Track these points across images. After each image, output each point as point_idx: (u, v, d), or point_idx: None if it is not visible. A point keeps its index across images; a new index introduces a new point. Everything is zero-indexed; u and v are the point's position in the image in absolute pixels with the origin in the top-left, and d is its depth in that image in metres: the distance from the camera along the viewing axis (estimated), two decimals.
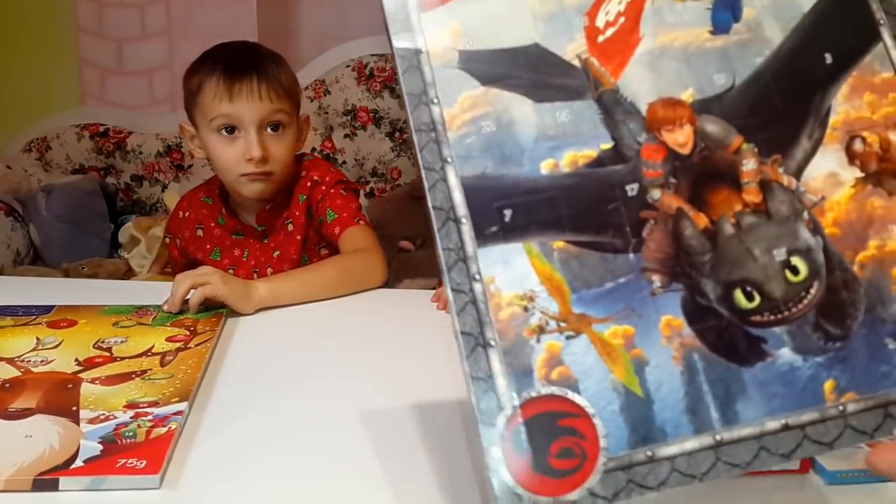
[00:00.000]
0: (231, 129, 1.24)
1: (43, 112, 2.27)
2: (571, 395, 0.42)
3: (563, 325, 0.44)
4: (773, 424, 0.42)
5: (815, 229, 0.44)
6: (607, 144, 0.46)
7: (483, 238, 0.45)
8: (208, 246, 1.37)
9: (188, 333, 0.93)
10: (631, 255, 0.44)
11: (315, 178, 1.32)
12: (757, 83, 0.47)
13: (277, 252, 1.34)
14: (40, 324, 0.95)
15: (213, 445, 0.70)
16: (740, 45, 0.48)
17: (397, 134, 2.25)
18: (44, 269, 2.06)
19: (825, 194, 0.45)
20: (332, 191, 1.31)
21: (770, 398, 0.42)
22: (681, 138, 0.46)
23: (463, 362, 0.44)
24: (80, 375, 0.81)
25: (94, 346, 0.88)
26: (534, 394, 0.42)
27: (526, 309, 0.44)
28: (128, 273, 2.07)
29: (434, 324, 1.01)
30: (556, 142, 0.46)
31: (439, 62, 0.47)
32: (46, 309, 0.99)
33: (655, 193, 0.45)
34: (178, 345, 0.89)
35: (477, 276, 0.45)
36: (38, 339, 0.90)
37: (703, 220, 0.44)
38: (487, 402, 0.42)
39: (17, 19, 2.28)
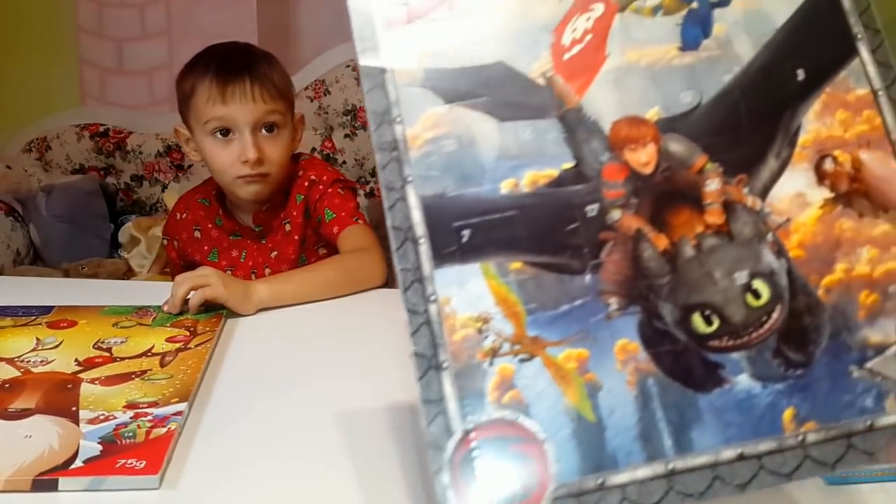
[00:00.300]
0: (225, 132, 1.24)
1: (43, 112, 2.27)
2: (522, 420, 0.41)
3: (516, 347, 0.43)
4: (728, 453, 0.41)
5: (780, 252, 0.43)
6: (569, 164, 0.45)
7: (440, 258, 0.44)
8: (206, 247, 1.37)
9: (188, 334, 0.93)
10: (588, 277, 0.43)
11: (312, 177, 1.32)
12: (724, 101, 0.46)
13: (275, 252, 1.34)
14: (40, 324, 0.94)
15: (213, 446, 0.70)
16: (709, 62, 0.47)
17: None
18: (44, 269, 2.06)
19: (791, 215, 0.44)
20: (329, 190, 1.31)
21: (726, 426, 0.41)
22: (643, 158, 0.45)
23: (416, 385, 0.43)
24: (79, 376, 0.81)
25: (93, 347, 0.88)
26: (485, 418, 0.42)
27: (480, 331, 0.43)
28: (128, 273, 2.07)
29: None
30: (518, 161, 0.45)
31: (404, 80, 0.47)
32: (46, 309, 0.99)
33: (615, 214, 0.44)
34: (177, 345, 0.89)
35: (432, 297, 0.44)
36: (37, 339, 0.90)
37: (662, 242, 0.44)
38: (438, 426, 0.42)
39: (17, 19, 2.28)
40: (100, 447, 0.66)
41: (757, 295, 0.42)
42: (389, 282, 1.21)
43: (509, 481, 0.41)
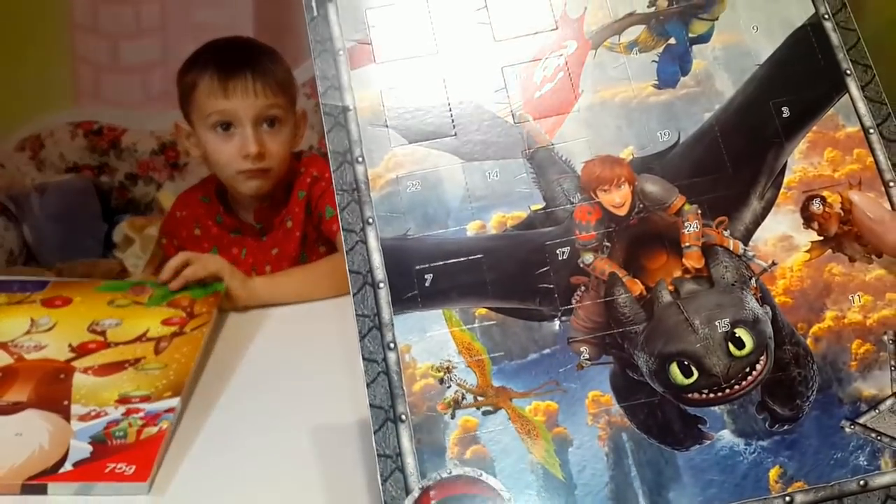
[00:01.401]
0: (227, 126, 1.24)
1: (36, 110, 2.25)
2: (485, 478, 0.39)
3: (480, 399, 0.40)
4: None
5: (764, 298, 0.41)
6: (538, 205, 0.43)
7: (400, 304, 0.42)
8: (206, 245, 1.36)
9: (184, 315, 0.92)
10: (557, 324, 0.41)
11: (315, 174, 1.32)
12: (703, 140, 0.44)
13: (276, 250, 1.33)
14: (35, 301, 0.93)
15: (205, 446, 0.70)
16: (687, 100, 0.45)
17: None
18: (37, 269, 2.05)
19: (776, 259, 0.42)
20: (332, 187, 1.29)
21: (706, 486, 0.38)
22: (617, 199, 0.43)
23: (371, 438, 0.41)
24: (72, 364, 0.80)
25: (88, 330, 0.87)
26: (444, 475, 0.39)
27: (442, 381, 0.41)
28: (122, 273, 2.06)
29: None
30: (484, 202, 0.43)
31: (367, 119, 0.45)
32: (41, 285, 0.97)
33: (588, 258, 0.43)
34: (173, 328, 0.88)
35: (391, 345, 0.42)
36: (32, 319, 0.89)
37: (638, 287, 0.41)
38: (394, 484, 0.39)
39: (11, 15, 2.26)
40: (90, 448, 0.67)
41: (740, 344, 0.39)
42: None
43: None
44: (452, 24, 0.46)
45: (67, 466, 0.64)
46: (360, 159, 0.45)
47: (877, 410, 0.39)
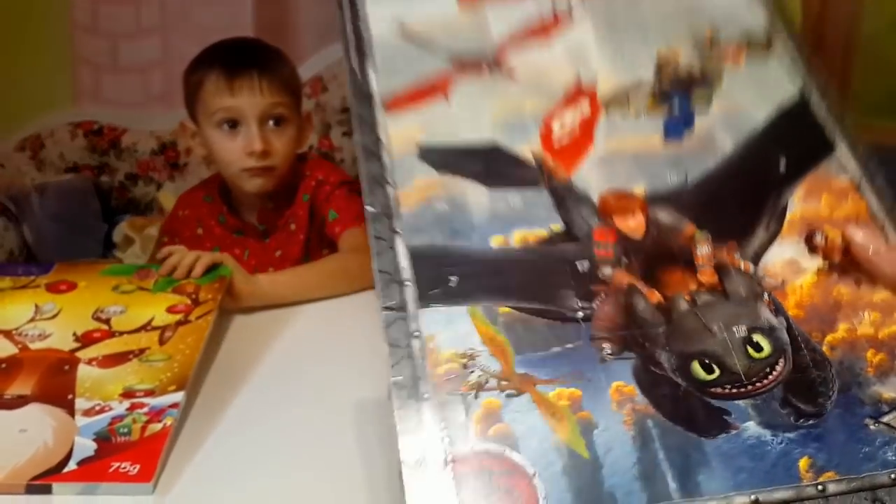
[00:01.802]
0: (233, 124, 1.25)
1: (36, 110, 2.24)
2: (510, 454, 0.39)
3: (504, 383, 0.41)
4: (741, 500, 0.38)
5: (778, 310, 0.43)
6: (558, 226, 0.46)
7: (426, 299, 0.44)
8: (208, 244, 1.36)
9: (189, 303, 0.91)
10: (579, 324, 0.42)
11: (320, 177, 1.34)
12: (710, 182, 0.48)
13: (279, 252, 1.35)
14: (39, 286, 0.92)
15: (209, 443, 0.71)
16: (693, 150, 0.49)
17: None
18: None
19: (786, 279, 0.44)
20: (337, 191, 1.33)
21: (736, 472, 0.39)
22: (632, 224, 0.46)
23: (395, 414, 0.41)
24: (77, 354, 0.79)
25: (93, 318, 0.86)
26: (466, 449, 0.39)
27: (465, 366, 0.42)
28: None
29: None
30: (507, 221, 0.48)
31: (398, 152, 0.49)
32: (46, 268, 0.97)
33: (607, 270, 0.45)
34: (178, 317, 0.87)
35: (416, 334, 0.43)
36: (36, 306, 0.88)
37: (655, 296, 0.44)
38: (415, 455, 0.39)
39: (11, 16, 2.25)
40: (94, 445, 0.66)
41: (758, 348, 0.42)
42: None
43: None
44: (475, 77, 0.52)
45: (72, 465, 0.64)
46: (391, 182, 0.48)
47: None
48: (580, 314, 0.43)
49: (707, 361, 0.40)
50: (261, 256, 1.34)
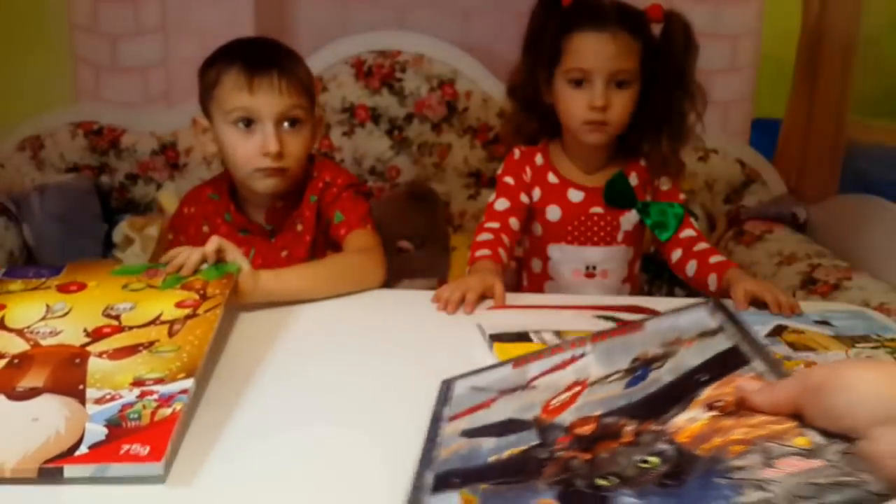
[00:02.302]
0: (248, 122, 1.24)
1: (36, 110, 2.25)
2: None
3: None
4: None
5: (670, 441, 0.56)
6: (536, 442, 0.65)
7: (437, 490, 0.64)
8: None
9: (197, 298, 0.92)
10: (535, 482, 0.59)
11: (327, 179, 1.35)
12: (647, 397, 0.64)
13: (286, 252, 1.36)
14: (50, 287, 0.94)
15: (218, 426, 0.72)
16: (641, 388, 0.66)
17: (396, 132, 2.22)
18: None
19: (683, 426, 0.57)
20: (344, 194, 1.34)
21: None
22: (587, 430, 0.63)
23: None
24: (87, 349, 0.81)
25: (103, 314, 0.88)
26: None
27: None
28: None
29: (432, 323, 1.06)
30: (503, 445, 0.67)
31: (449, 434, 0.75)
32: (57, 270, 0.99)
33: (559, 453, 0.62)
34: (186, 311, 0.89)
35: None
36: (47, 305, 0.89)
37: (587, 455, 0.59)
38: None
39: (10, 15, 2.26)
40: (105, 430, 0.67)
41: (647, 462, 0.55)
42: (389, 282, 1.27)
43: None
44: None
45: (83, 449, 0.65)
46: (439, 444, 0.73)
47: (744, 472, 0.51)
48: (539, 479, 0.59)
49: (610, 478, 0.55)
50: (266, 256, 1.35)
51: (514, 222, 1.35)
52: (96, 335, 0.84)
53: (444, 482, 0.64)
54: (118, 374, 0.76)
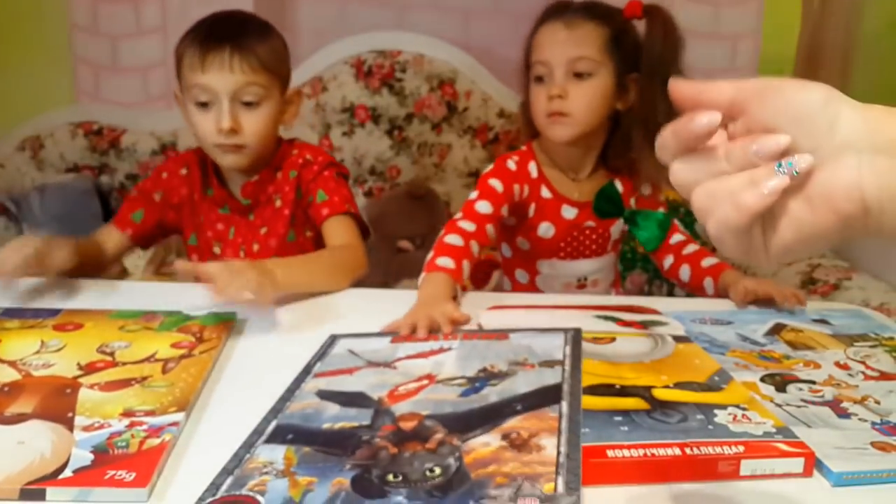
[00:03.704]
0: (205, 100, 1.24)
1: (36, 110, 2.25)
2: (258, 497, 0.61)
3: (283, 474, 0.64)
4: None
5: (459, 458, 0.64)
6: (367, 423, 0.72)
7: (267, 441, 0.70)
8: (193, 216, 1.37)
9: (193, 340, 0.92)
10: (346, 460, 0.66)
11: (308, 156, 1.34)
12: (466, 415, 0.72)
13: (265, 228, 1.36)
14: (46, 326, 0.94)
15: (207, 459, 0.68)
16: (468, 401, 0.75)
17: (396, 132, 2.22)
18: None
19: (475, 448, 0.65)
20: (325, 172, 1.33)
21: None
22: (411, 425, 0.71)
23: None
24: (79, 380, 0.80)
25: (97, 351, 0.87)
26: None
27: (265, 466, 0.66)
28: (122, 273, 2.05)
29: None
30: (338, 418, 0.74)
31: (308, 391, 0.82)
32: (54, 312, 0.99)
33: (377, 440, 0.69)
34: (181, 351, 0.88)
35: (254, 451, 0.68)
36: (42, 341, 0.89)
37: (395, 450, 0.66)
38: None
39: (10, 16, 2.26)
40: (91, 456, 0.66)
41: (433, 471, 0.63)
42: (389, 282, 1.25)
43: None
44: None
45: (67, 473, 0.64)
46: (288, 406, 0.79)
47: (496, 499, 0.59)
48: (347, 455, 0.66)
49: (399, 477, 0.62)
50: (246, 234, 1.35)
51: (490, 229, 1.25)
52: (89, 369, 0.83)
53: (279, 434, 0.70)
54: (108, 405, 0.75)
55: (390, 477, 0.62)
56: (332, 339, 0.94)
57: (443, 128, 2.22)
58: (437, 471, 0.62)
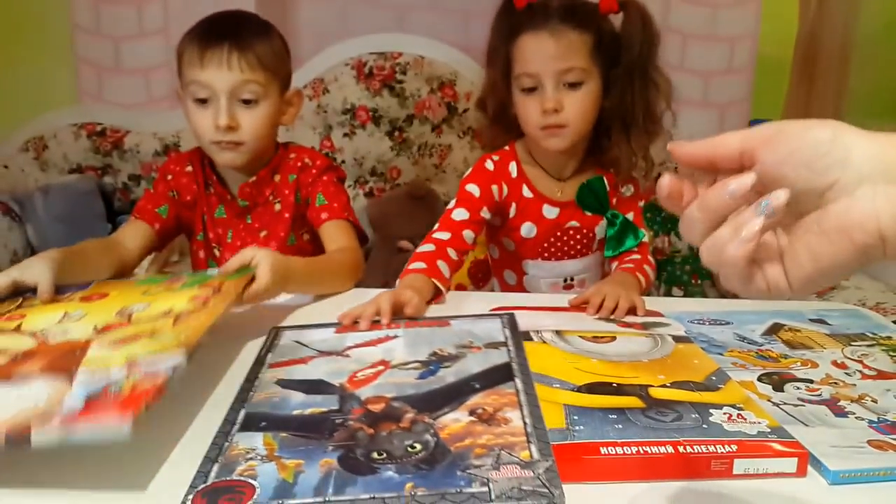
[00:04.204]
0: (204, 96, 1.25)
1: (40, 111, 2.26)
2: (251, 481, 0.63)
3: (267, 458, 0.67)
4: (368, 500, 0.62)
5: (435, 434, 0.69)
6: (335, 407, 0.76)
7: (244, 429, 0.73)
8: (203, 213, 1.38)
9: (211, 293, 0.91)
10: (324, 442, 0.69)
11: (305, 159, 1.35)
12: (430, 395, 0.77)
13: (264, 232, 1.36)
14: (74, 299, 0.94)
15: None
16: (428, 383, 0.80)
17: (396, 133, 2.23)
18: None
19: (448, 424, 0.70)
20: (324, 177, 1.35)
21: (374, 489, 0.62)
22: (378, 407, 0.75)
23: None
24: (92, 342, 0.79)
25: (115, 314, 0.87)
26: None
27: (247, 452, 0.68)
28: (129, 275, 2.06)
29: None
30: (306, 404, 0.77)
31: (267, 381, 0.84)
32: (85, 285, 0.99)
33: (350, 423, 0.72)
34: (196, 304, 0.88)
35: (232, 440, 0.71)
36: (66, 313, 0.89)
37: (370, 431, 0.70)
38: None
39: (13, 17, 2.27)
40: (83, 403, 0.65)
41: (414, 447, 0.67)
42: (389, 282, 1.26)
43: None
44: None
45: (55, 420, 0.63)
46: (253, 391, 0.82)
47: (479, 468, 0.63)
48: (325, 438, 0.70)
49: (382, 455, 0.66)
50: (245, 237, 1.36)
51: (467, 234, 1.27)
52: (104, 330, 0.83)
53: (252, 422, 0.73)
54: (113, 358, 0.74)
55: (375, 455, 0.66)
56: (276, 331, 0.97)
57: (443, 129, 2.23)
58: (418, 447, 0.66)
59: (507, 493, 0.59)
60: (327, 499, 0.61)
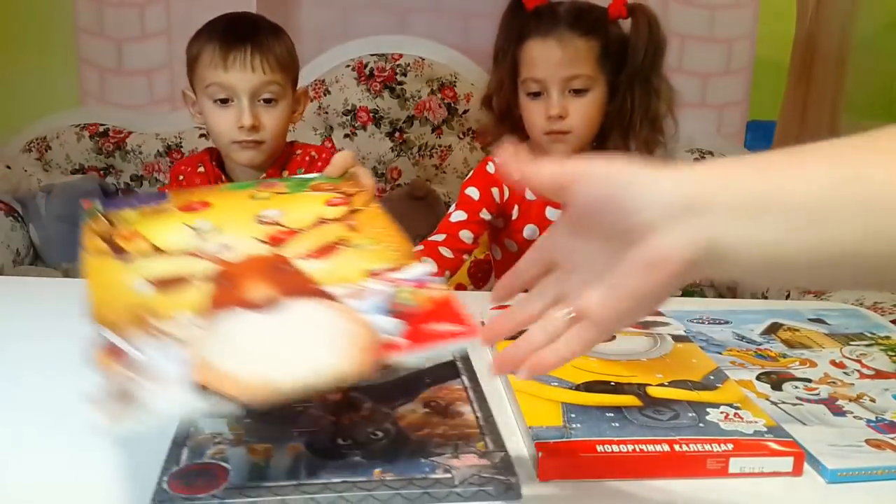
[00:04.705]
0: (225, 97, 1.28)
1: (42, 112, 2.27)
2: (224, 464, 0.64)
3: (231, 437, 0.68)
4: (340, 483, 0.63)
5: (394, 423, 0.71)
6: None
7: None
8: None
9: (342, 195, 0.80)
10: (289, 429, 0.70)
11: (313, 153, 1.39)
12: (385, 387, 0.76)
13: None
14: (170, 210, 0.78)
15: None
16: (382, 376, 0.75)
17: (397, 134, 2.24)
18: (43, 269, 2.07)
19: (405, 415, 0.72)
20: None
21: (343, 474, 0.63)
22: (336, 398, 0.74)
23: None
24: (281, 255, 0.68)
25: (259, 223, 0.74)
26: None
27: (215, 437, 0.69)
28: None
29: None
30: None
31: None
32: (161, 195, 0.82)
33: (313, 411, 0.73)
34: (344, 208, 0.77)
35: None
36: (188, 226, 0.74)
37: (333, 418, 0.71)
38: None
39: (16, 19, 2.28)
40: (392, 320, 0.58)
41: (377, 434, 0.69)
42: None
43: None
44: None
45: (397, 339, 0.57)
46: None
47: (443, 456, 0.66)
48: (293, 427, 0.70)
49: (348, 441, 0.68)
50: None
51: (465, 234, 1.28)
52: (275, 242, 0.70)
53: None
54: (341, 271, 0.64)
55: (340, 440, 0.68)
56: None
57: (443, 130, 2.24)
58: (380, 434, 0.69)
59: (468, 479, 0.62)
60: (302, 481, 0.62)
